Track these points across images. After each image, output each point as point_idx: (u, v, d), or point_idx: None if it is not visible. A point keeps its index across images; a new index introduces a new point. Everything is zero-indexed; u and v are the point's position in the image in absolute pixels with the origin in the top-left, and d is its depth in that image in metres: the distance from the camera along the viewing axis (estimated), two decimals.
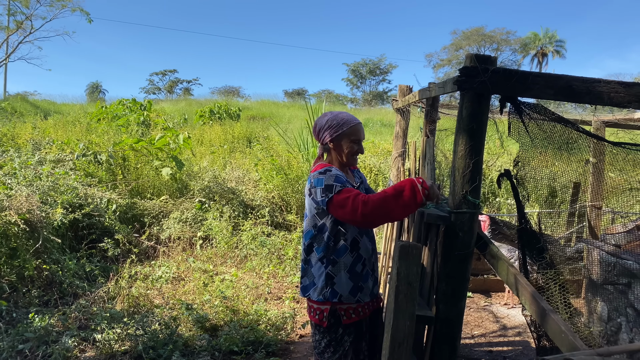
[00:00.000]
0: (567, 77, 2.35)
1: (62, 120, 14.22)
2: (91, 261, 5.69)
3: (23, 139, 8.69)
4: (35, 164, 6.29)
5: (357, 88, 66.66)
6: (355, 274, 2.55)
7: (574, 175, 2.82)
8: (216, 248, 6.56)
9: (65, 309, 4.46)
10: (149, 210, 7.08)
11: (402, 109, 5.19)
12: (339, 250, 2.51)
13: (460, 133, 2.42)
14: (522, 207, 2.66)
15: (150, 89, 66.22)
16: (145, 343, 3.86)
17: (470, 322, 4.80)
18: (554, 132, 2.52)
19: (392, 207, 2.30)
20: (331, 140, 2.57)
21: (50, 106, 27.80)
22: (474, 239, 2.49)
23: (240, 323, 4.40)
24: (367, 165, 10.22)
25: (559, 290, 2.61)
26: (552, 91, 2.36)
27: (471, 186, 2.42)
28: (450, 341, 2.59)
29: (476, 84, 2.33)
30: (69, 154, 7.22)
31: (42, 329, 3.99)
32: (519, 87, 2.35)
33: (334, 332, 2.56)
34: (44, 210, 5.10)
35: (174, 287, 5.39)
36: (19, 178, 5.59)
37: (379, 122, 27.96)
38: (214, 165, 9.54)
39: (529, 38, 62.96)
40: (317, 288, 2.54)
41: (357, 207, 2.29)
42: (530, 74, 2.35)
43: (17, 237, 4.71)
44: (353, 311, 2.56)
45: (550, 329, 2.13)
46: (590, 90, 2.37)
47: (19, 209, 4.78)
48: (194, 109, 23.91)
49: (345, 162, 2.61)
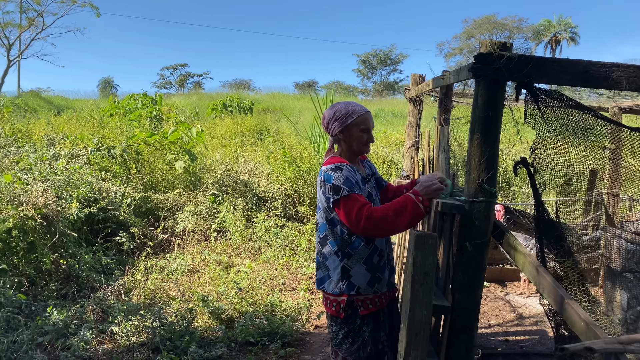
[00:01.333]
0: (584, 62, 2.30)
1: (76, 116, 14.35)
2: (107, 255, 5.74)
3: (38, 134, 8.78)
4: (50, 159, 6.35)
5: (368, 79, 66.34)
6: (372, 265, 2.53)
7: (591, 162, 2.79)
8: (230, 240, 6.59)
9: (82, 302, 4.51)
10: (163, 204, 7.13)
11: (415, 99, 5.15)
12: (354, 243, 2.50)
13: (475, 121, 2.39)
14: (539, 195, 2.62)
15: (161, 84, 66.53)
16: (162, 335, 3.89)
17: (487, 312, 4.78)
18: (570, 119, 2.48)
19: (395, 225, 2.36)
20: (341, 131, 2.55)
21: (64, 102, 28.08)
22: (491, 227, 2.47)
23: (255, 314, 4.42)
24: (380, 156, 10.18)
25: (578, 279, 2.58)
26: (569, 77, 2.32)
27: (487, 174, 2.39)
28: (468, 331, 2.57)
29: (491, 70, 2.30)
30: (82, 148, 7.29)
31: (60, 322, 4.05)
32: (535, 73, 2.32)
33: (351, 323, 2.55)
34: (60, 205, 5.15)
35: (189, 279, 5.43)
36: (35, 173, 5.65)
37: (390, 112, 27.83)
38: (226, 158, 9.57)
39: (542, 25, 62.09)
40: (332, 281, 2.53)
41: (360, 220, 2.31)
42: (546, 59, 2.31)
43: (34, 232, 4.77)
44: (370, 302, 2.55)
45: (570, 318, 2.11)
46: (608, 75, 2.32)
47: (36, 203, 4.83)
48: (205, 102, 23.99)
49: (356, 151, 2.60)
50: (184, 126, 8.13)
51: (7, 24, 31.44)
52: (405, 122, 5.59)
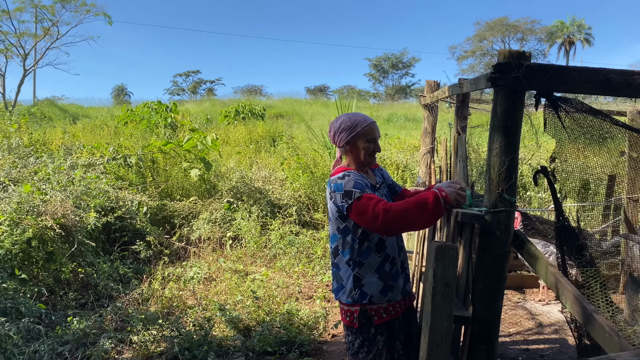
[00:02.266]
0: (604, 71, 2.28)
1: (90, 124, 14.52)
2: (124, 263, 5.79)
3: (55, 144, 8.89)
4: (68, 169, 6.43)
5: (380, 83, 66.26)
6: (384, 273, 2.53)
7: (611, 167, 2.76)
8: (245, 248, 6.61)
9: (101, 311, 4.55)
10: (178, 212, 7.17)
11: (430, 105, 5.13)
12: (365, 252, 2.50)
13: (495, 130, 2.38)
14: (560, 204, 2.60)
15: (174, 90, 67.12)
16: (180, 344, 3.91)
17: (505, 320, 4.73)
18: (590, 126, 2.46)
19: (414, 219, 2.31)
20: (347, 143, 2.57)
21: (78, 110, 28.43)
22: (511, 237, 2.45)
23: (272, 323, 4.42)
24: (394, 161, 10.16)
25: (600, 288, 2.55)
26: (589, 85, 2.30)
27: (507, 184, 2.38)
28: (488, 341, 2.55)
29: (510, 80, 2.28)
30: (99, 157, 7.36)
31: (80, 331, 4.08)
32: (554, 82, 2.30)
33: (366, 332, 2.55)
34: (78, 215, 5.20)
35: (206, 287, 5.45)
36: (53, 183, 5.72)
37: (403, 116, 27.77)
38: (240, 166, 9.61)
39: (555, 27, 61.64)
40: (345, 291, 2.55)
41: (378, 215, 2.28)
42: (565, 68, 2.29)
43: (53, 242, 4.82)
44: (384, 311, 2.54)
45: (594, 330, 2.08)
46: (629, 82, 2.30)
47: (54, 213, 4.88)
48: (218, 109, 24.14)
49: (363, 162, 2.61)
50: (198, 134, 8.18)
51: (22, 34, 31.90)
52: (418, 126, 5.59)
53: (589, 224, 4.56)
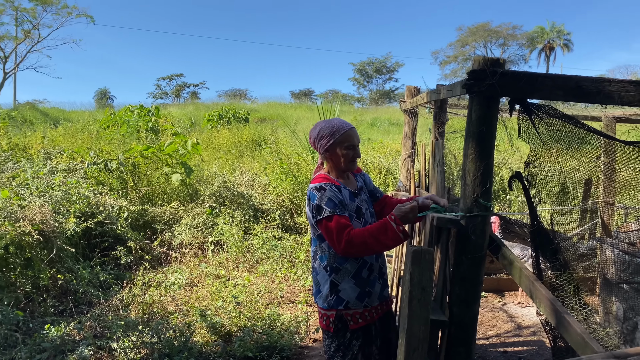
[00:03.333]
0: (576, 78, 2.33)
1: (72, 128, 14.34)
2: (104, 269, 5.73)
3: (34, 148, 8.78)
4: (47, 174, 6.35)
5: (364, 87, 66.59)
6: (361, 279, 2.56)
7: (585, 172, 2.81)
8: (228, 253, 6.59)
9: (80, 317, 4.49)
10: (160, 217, 7.12)
11: (410, 110, 5.18)
12: (341, 258, 2.53)
13: (470, 136, 2.42)
14: (534, 209, 2.64)
15: (157, 94, 66.59)
16: (160, 350, 3.88)
17: (484, 323, 4.78)
18: (564, 132, 2.51)
19: (374, 248, 2.41)
20: (326, 150, 2.59)
21: (60, 114, 28.06)
22: (487, 241, 2.48)
23: (254, 328, 4.41)
24: (377, 166, 10.22)
25: (574, 291, 2.59)
26: (561, 92, 2.35)
27: (482, 189, 2.41)
28: (466, 344, 2.58)
29: (485, 87, 2.32)
30: (79, 162, 7.28)
31: (58, 339, 4.03)
32: (528, 89, 2.34)
33: (341, 336, 2.57)
34: (57, 220, 5.14)
35: (187, 293, 5.42)
36: (32, 188, 5.65)
37: (386, 121, 27.90)
38: (223, 170, 9.58)
39: (536, 32, 62.53)
40: (322, 295, 2.58)
41: (341, 243, 2.36)
42: (538, 75, 2.33)
43: (31, 247, 4.76)
44: (360, 316, 2.57)
45: (567, 332, 2.12)
46: (600, 90, 2.35)
47: (33, 219, 4.82)
48: (202, 112, 24.02)
49: (343, 168, 2.63)
50: (180, 138, 8.14)
51: (3, 37, 31.56)
52: (402, 130, 5.62)
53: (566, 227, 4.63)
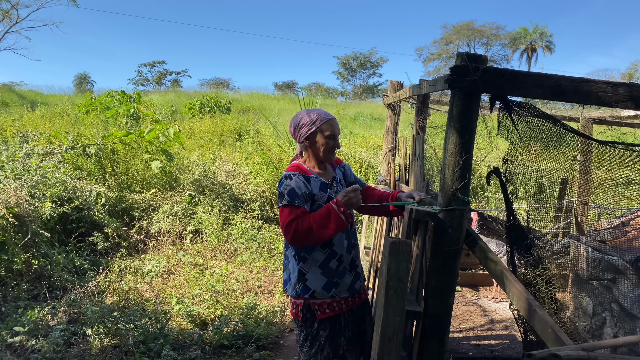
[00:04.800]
0: (556, 77, 2.37)
1: (50, 112, 14.07)
2: (80, 255, 5.66)
3: (9, 131, 8.60)
4: (23, 157, 6.23)
5: (348, 81, 66.48)
6: (328, 270, 2.57)
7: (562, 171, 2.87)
8: (206, 242, 6.56)
9: (54, 302, 4.45)
10: (138, 204, 7.06)
11: (392, 105, 5.21)
12: (309, 247, 2.54)
13: (450, 131, 2.45)
14: (511, 204, 2.69)
15: (138, 81, 65.56)
16: (135, 337, 3.86)
17: (459, 316, 4.85)
18: (542, 130, 2.55)
19: (320, 235, 2.42)
20: (307, 138, 2.59)
21: (37, 97, 27.47)
22: (463, 235, 2.52)
23: (230, 317, 4.41)
24: (358, 159, 10.25)
25: (546, 286, 2.65)
26: (541, 90, 2.38)
27: (461, 183, 2.44)
28: (439, 336, 2.62)
29: (467, 82, 2.34)
30: (57, 146, 7.16)
31: (32, 323, 3.98)
32: (509, 86, 2.37)
33: (309, 326, 2.59)
34: (33, 204, 5.06)
35: (164, 280, 5.39)
36: (7, 171, 5.54)
37: (369, 115, 27.93)
38: (203, 159, 9.51)
39: (519, 33, 63.15)
40: (291, 283, 2.59)
41: (289, 232, 2.39)
42: (519, 73, 2.37)
43: (5, 231, 4.68)
44: (327, 306, 2.58)
45: (537, 325, 2.17)
46: (578, 89, 2.40)
47: (7, 202, 4.74)
48: (183, 100, 23.75)
49: (322, 159, 2.64)
50: (161, 125, 8.06)
51: None
52: (384, 125, 5.65)
53: (541, 225, 4.72)
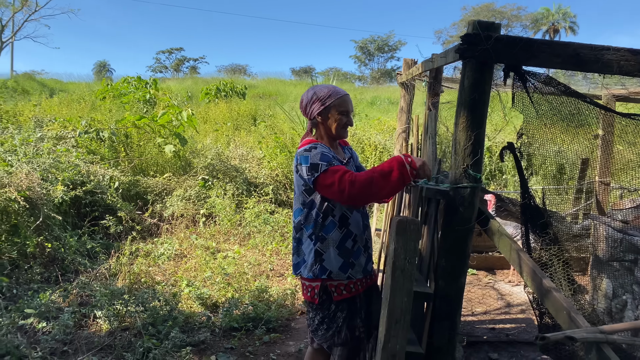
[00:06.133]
0: (574, 45, 2.24)
1: (67, 99, 14.17)
2: (93, 238, 5.67)
3: (25, 116, 8.65)
4: (37, 141, 6.25)
5: (365, 65, 65.88)
6: (345, 250, 2.49)
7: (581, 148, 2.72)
8: (219, 225, 6.53)
9: (66, 285, 4.45)
10: (152, 188, 7.05)
11: (406, 83, 5.07)
12: (327, 227, 2.46)
13: (461, 104, 2.33)
14: (526, 182, 2.57)
15: (157, 68, 65.92)
16: (144, 320, 3.84)
17: (474, 299, 4.75)
18: (560, 103, 2.42)
19: (380, 187, 2.26)
20: (319, 114, 2.50)
21: (57, 85, 27.77)
22: (475, 214, 2.41)
23: (241, 300, 4.38)
24: (372, 142, 10.11)
25: (563, 267, 2.54)
26: (559, 59, 2.25)
27: (472, 160, 2.33)
28: (450, 318, 2.53)
29: (478, 52, 2.23)
30: (71, 131, 7.17)
31: (43, 306, 3.99)
32: (524, 55, 2.25)
33: (326, 308, 2.52)
34: (45, 188, 5.06)
35: (176, 264, 5.38)
36: (20, 155, 5.55)
37: (386, 99, 27.63)
38: (217, 143, 9.47)
39: (541, 14, 61.72)
40: (307, 265, 2.51)
41: (345, 187, 2.24)
42: (535, 41, 2.24)
43: (17, 214, 4.69)
44: (344, 287, 2.51)
45: (552, 306, 2.06)
46: (598, 58, 2.26)
47: (19, 186, 4.74)
48: (200, 87, 23.73)
49: (334, 135, 2.54)
50: (174, 109, 8.02)
51: None
52: None
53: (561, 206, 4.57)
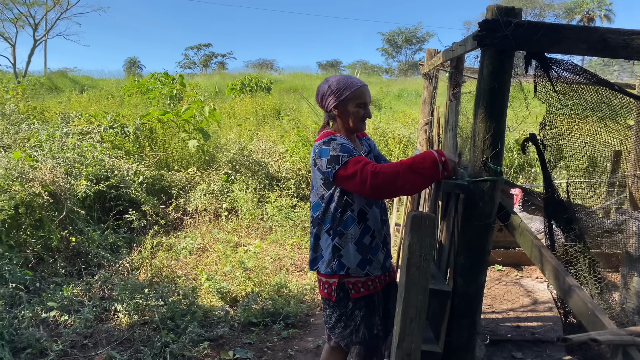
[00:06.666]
0: (601, 30, 2.12)
1: (96, 95, 14.42)
2: (117, 232, 5.73)
3: (52, 112, 8.81)
4: (62, 136, 6.33)
5: (393, 58, 65.22)
6: (363, 246, 2.41)
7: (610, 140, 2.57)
8: (241, 219, 6.53)
9: (88, 279, 4.50)
10: (176, 182, 7.10)
11: (429, 74, 4.95)
12: (346, 222, 2.37)
13: (480, 94, 2.23)
14: (549, 174, 2.45)
15: (185, 64, 66.73)
16: (163, 314, 3.85)
17: (499, 296, 4.62)
18: (585, 92, 2.29)
19: (406, 182, 2.15)
20: (335, 107, 2.41)
21: (88, 81, 28.36)
22: (495, 208, 2.31)
23: (260, 294, 4.35)
24: (397, 135, 9.97)
25: (589, 264, 2.41)
26: (584, 45, 2.13)
27: (492, 152, 2.23)
28: (469, 316, 2.45)
29: (498, 39, 2.12)
30: (96, 126, 7.26)
31: (65, 299, 4.04)
32: (547, 42, 2.14)
33: (343, 306, 2.45)
34: (69, 182, 5.12)
35: (198, 257, 5.39)
36: (45, 150, 5.64)
37: (414, 92, 27.28)
38: (241, 138, 9.48)
39: (575, 2, 60.00)
40: (324, 260, 2.44)
41: (366, 179, 2.14)
42: (559, 26, 2.12)
43: (41, 209, 4.76)
44: (362, 285, 2.43)
45: (575, 306, 1.96)
46: (628, 43, 2.13)
47: (43, 180, 4.81)
48: (227, 82, 23.91)
49: (352, 128, 2.45)
50: (197, 104, 8.05)
51: (33, 3, 31.80)
52: None
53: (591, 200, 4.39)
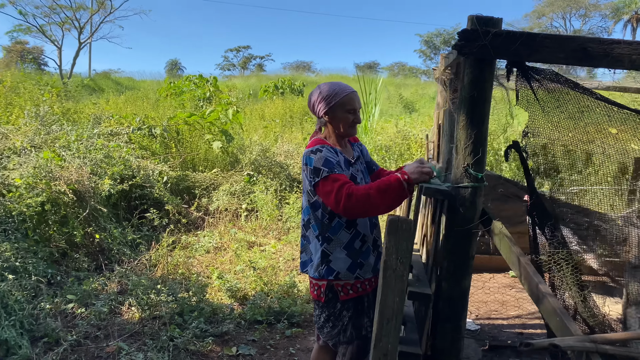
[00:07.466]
0: (581, 39, 2.14)
1: (133, 96, 14.90)
2: (140, 230, 5.96)
3: (86, 113, 9.20)
4: (90, 137, 6.62)
5: (431, 60, 64.56)
6: (353, 250, 2.47)
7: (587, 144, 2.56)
8: (260, 220, 6.67)
9: (108, 274, 4.72)
10: (200, 183, 7.31)
11: (442, 79, 4.95)
12: (334, 228, 2.45)
13: (461, 102, 2.29)
14: (532, 181, 2.47)
15: (225, 66, 67.83)
16: (173, 309, 4.01)
17: (509, 302, 4.59)
18: (566, 100, 2.30)
19: (377, 203, 2.25)
20: (326, 113, 2.49)
21: (130, 83, 29.26)
22: (477, 214, 2.34)
23: (268, 294, 4.47)
24: (419, 139, 9.94)
25: (572, 271, 2.41)
26: (562, 55, 2.16)
27: (473, 159, 2.28)
28: (454, 320, 2.48)
29: (476, 48, 2.17)
30: (125, 127, 7.56)
31: (84, 292, 4.26)
32: (525, 51, 2.18)
33: (332, 307, 2.52)
34: (93, 181, 5.38)
35: (214, 256, 5.56)
36: (73, 150, 5.92)
37: None
38: (265, 140, 9.65)
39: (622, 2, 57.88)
40: (313, 265, 2.51)
41: (340, 200, 2.23)
42: (537, 35, 2.16)
43: (66, 206, 5.02)
44: (351, 287, 2.50)
45: (545, 312, 1.99)
46: (608, 52, 2.14)
47: (69, 179, 5.07)
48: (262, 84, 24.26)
49: (342, 133, 2.53)
50: (221, 107, 8.26)
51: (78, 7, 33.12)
52: None
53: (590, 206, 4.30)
